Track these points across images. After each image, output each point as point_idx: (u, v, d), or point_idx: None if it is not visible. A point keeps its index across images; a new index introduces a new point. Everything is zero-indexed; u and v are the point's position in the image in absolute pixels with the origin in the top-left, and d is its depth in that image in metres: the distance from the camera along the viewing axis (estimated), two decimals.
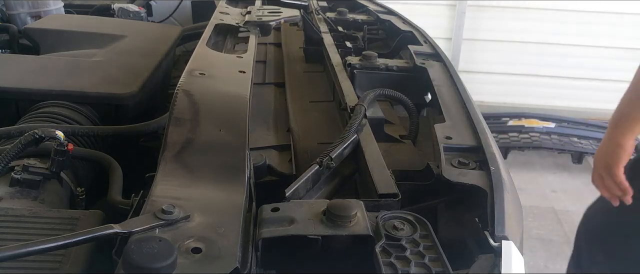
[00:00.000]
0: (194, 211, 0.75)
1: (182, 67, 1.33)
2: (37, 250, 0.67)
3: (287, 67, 1.86)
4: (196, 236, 0.70)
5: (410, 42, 1.76)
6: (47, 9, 2.38)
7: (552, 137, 4.16)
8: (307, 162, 1.11)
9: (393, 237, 0.75)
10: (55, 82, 1.54)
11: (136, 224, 0.71)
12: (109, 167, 1.22)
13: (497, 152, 1.03)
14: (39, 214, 0.95)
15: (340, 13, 2.24)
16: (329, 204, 0.79)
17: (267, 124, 1.42)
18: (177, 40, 2.11)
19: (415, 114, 1.33)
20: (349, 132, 1.11)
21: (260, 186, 1.06)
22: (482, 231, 0.84)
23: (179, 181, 0.85)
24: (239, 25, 1.81)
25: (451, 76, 1.43)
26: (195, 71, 1.25)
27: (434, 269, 0.70)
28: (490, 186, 0.89)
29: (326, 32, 1.95)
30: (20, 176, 1.09)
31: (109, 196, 1.12)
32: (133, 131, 1.41)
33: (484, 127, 1.13)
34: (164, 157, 0.90)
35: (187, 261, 0.66)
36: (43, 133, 1.11)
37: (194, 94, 1.14)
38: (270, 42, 2.16)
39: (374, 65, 1.54)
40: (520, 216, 0.93)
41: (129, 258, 0.62)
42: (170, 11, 2.88)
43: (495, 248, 0.79)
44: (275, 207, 0.81)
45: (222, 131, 1.01)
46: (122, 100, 1.51)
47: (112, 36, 1.99)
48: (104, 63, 1.73)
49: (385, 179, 0.97)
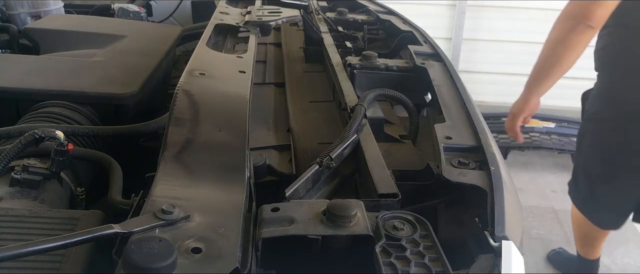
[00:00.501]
0: (194, 211, 0.75)
1: (182, 67, 1.33)
2: (37, 250, 0.67)
3: (287, 67, 1.86)
4: (196, 236, 0.70)
5: (410, 42, 1.76)
6: (47, 9, 2.38)
7: (552, 137, 4.15)
8: (307, 162, 1.11)
9: (393, 237, 0.75)
10: (55, 82, 1.54)
11: (136, 224, 0.71)
12: (109, 167, 1.22)
13: (497, 152, 1.03)
14: (39, 214, 0.95)
15: (340, 13, 2.24)
16: (329, 204, 0.79)
17: (267, 124, 1.42)
18: (177, 40, 2.11)
19: (415, 114, 1.33)
20: (349, 132, 1.11)
21: (260, 186, 1.06)
22: (482, 231, 0.84)
23: (179, 181, 0.84)
24: (239, 25, 1.81)
25: (451, 76, 1.43)
26: (195, 71, 1.25)
27: (434, 269, 0.70)
28: (490, 186, 0.89)
29: (326, 32, 1.95)
30: (20, 176, 1.09)
31: (109, 196, 1.12)
32: (133, 131, 1.41)
33: (484, 127, 1.13)
34: (164, 157, 0.90)
35: (187, 261, 0.66)
36: (43, 133, 1.11)
37: (194, 94, 1.14)
38: (270, 42, 2.16)
39: (374, 65, 1.54)
40: (520, 216, 0.93)
41: (129, 258, 0.62)
42: (170, 11, 2.89)
43: (495, 248, 0.79)
44: (275, 207, 0.81)
45: (222, 131, 1.01)
46: (122, 100, 1.51)
47: (112, 36, 1.99)
48: (104, 63, 1.73)
49: (385, 179, 0.97)
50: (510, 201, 0.87)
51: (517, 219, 0.89)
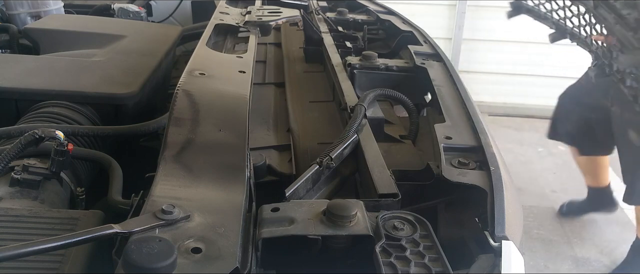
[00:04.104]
0: (194, 211, 0.75)
1: (182, 67, 1.33)
2: (37, 250, 0.67)
3: (287, 67, 1.86)
4: (196, 236, 0.70)
5: (410, 42, 1.76)
6: (47, 9, 2.38)
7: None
8: (307, 162, 1.11)
9: (393, 237, 0.75)
10: (55, 82, 1.54)
11: (136, 224, 0.71)
12: (109, 167, 1.22)
13: (497, 152, 1.03)
14: (39, 214, 0.95)
15: (340, 13, 2.24)
16: (329, 204, 0.79)
17: (267, 124, 1.42)
18: (177, 40, 2.11)
19: (415, 114, 1.33)
20: (349, 132, 1.11)
21: (260, 186, 1.06)
22: (482, 231, 0.85)
23: (179, 181, 0.84)
24: (239, 25, 1.81)
25: (451, 76, 1.43)
26: (195, 71, 1.25)
27: (434, 269, 0.70)
28: (490, 186, 0.89)
29: (326, 32, 1.95)
30: (20, 176, 1.09)
31: (109, 196, 1.12)
32: (133, 131, 1.41)
33: (484, 127, 1.13)
34: (164, 157, 0.90)
35: (187, 261, 0.66)
36: (43, 133, 1.11)
37: (194, 94, 1.14)
38: (270, 42, 2.16)
39: (374, 66, 1.54)
40: (520, 216, 0.93)
41: (129, 258, 0.62)
42: (170, 11, 2.89)
43: (495, 248, 0.80)
44: (275, 207, 0.81)
45: (222, 131, 1.01)
46: (122, 100, 1.51)
47: (112, 36, 1.99)
48: (104, 63, 1.73)
49: (385, 179, 0.97)
50: (510, 201, 0.87)
51: (517, 219, 0.89)
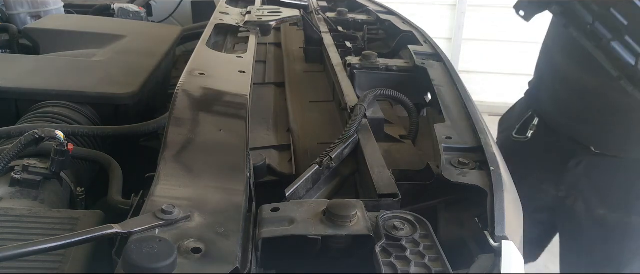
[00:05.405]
0: (194, 211, 0.75)
1: (182, 67, 1.33)
2: (37, 250, 0.67)
3: (287, 67, 1.86)
4: (196, 236, 0.70)
5: (410, 42, 1.76)
6: (47, 9, 2.38)
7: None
8: (307, 162, 1.11)
9: (393, 237, 0.75)
10: (55, 82, 1.54)
11: (136, 224, 0.71)
12: (109, 167, 1.22)
13: (497, 152, 1.03)
14: (39, 214, 0.95)
15: (340, 13, 2.24)
16: (329, 204, 0.79)
17: (267, 124, 1.42)
18: (177, 40, 2.11)
19: (415, 114, 1.33)
20: (349, 132, 1.11)
21: (260, 186, 1.06)
22: (482, 231, 0.85)
23: (179, 181, 0.84)
24: (239, 25, 1.81)
25: (451, 76, 1.43)
26: (195, 71, 1.25)
27: (434, 269, 0.70)
28: (490, 186, 0.89)
29: (326, 32, 1.95)
30: (20, 176, 1.09)
31: (109, 196, 1.12)
32: (133, 131, 1.41)
33: (484, 127, 1.13)
34: (164, 157, 0.90)
35: (187, 261, 0.66)
36: (43, 133, 1.11)
37: (194, 94, 1.14)
38: (270, 42, 2.16)
39: (374, 65, 1.54)
40: (520, 216, 0.93)
41: (129, 258, 0.62)
42: (170, 11, 2.88)
43: (495, 248, 0.79)
44: (275, 207, 0.81)
45: (222, 131, 1.01)
46: (122, 100, 1.51)
47: (112, 36, 1.98)
48: (104, 63, 1.73)
49: (385, 179, 0.97)
50: (510, 201, 0.87)
51: (517, 219, 0.89)
